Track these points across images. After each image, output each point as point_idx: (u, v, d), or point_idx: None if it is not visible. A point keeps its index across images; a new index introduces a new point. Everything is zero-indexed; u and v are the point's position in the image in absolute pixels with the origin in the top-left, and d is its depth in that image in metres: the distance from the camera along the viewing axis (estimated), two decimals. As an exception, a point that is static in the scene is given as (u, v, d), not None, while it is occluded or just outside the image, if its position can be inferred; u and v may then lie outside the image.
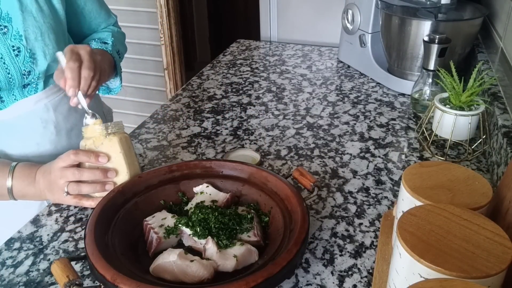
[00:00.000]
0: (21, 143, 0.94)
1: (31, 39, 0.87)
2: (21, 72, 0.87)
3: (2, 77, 0.85)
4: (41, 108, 0.94)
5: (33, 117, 0.93)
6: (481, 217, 0.55)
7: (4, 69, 0.85)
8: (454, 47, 1.22)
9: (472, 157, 1.01)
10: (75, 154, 0.80)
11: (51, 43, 0.90)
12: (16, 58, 0.86)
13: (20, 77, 0.87)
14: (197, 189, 0.83)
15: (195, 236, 0.72)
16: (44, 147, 0.96)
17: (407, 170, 0.67)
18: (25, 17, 0.86)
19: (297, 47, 1.73)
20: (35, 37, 0.87)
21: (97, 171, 0.81)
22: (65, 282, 0.60)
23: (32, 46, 0.87)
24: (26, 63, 0.87)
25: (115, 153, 0.82)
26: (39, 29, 0.88)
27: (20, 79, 0.88)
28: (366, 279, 0.71)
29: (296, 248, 0.64)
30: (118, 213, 0.75)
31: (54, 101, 0.96)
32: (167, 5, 2.33)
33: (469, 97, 0.99)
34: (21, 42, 0.86)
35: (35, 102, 0.93)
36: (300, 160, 1.02)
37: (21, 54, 0.86)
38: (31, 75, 0.89)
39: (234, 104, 1.30)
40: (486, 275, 0.48)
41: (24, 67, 0.87)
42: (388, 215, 0.81)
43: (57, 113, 0.97)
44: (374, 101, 1.29)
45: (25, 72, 0.88)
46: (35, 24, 0.87)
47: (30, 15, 0.87)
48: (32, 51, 0.88)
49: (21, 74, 0.87)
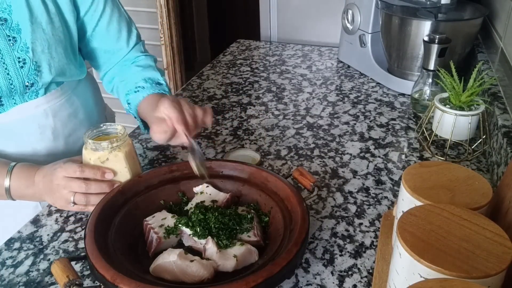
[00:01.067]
0: (17, 147, 0.92)
1: (38, 51, 0.86)
2: (24, 83, 0.86)
3: (4, 87, 0.84)
4: (40, 114, 0.92)
5: (31, 122, 0.92)
6: (481, 217, 0.55)
7: (7, 79, 0.84)
8: (454, 47, 1.22)
9: (472, 157, 1.01)
10: (81, 171, 0.78)
11: (57, 56, 0.89)
12: (21, 69, 0.85)
13: (22, 88, 0.86)
14: (197, 189, 0.83)
15: (195, 236, 0.72)
16: (41, 152, 0.95)
17: (407, 170, 0.67)
18: (34, 28, 0.85)
19: (297, 47, 1.73)
20: (42, 49, 0.86)
21: (104, 185, 0.79)
22: (65, 282, 0.60)
23: (38, 58, 0.86)
24: (30, 75, 0.86)
25: (120, 168, 0.81)
26: (47, 41, 0.87)
27: (22, 89, 0.87)
28: (366, 279, 0.71)
29: (296, 248, 0.64)
30: (118, 213, 0.75)
31: (54, 106, 0.94)
32: (167, 5, 2.32)
33: (469, 97, 0.99)
34: (27, 54, 0.85)
35: (35, 107, 0.91)
36: (300, 160, 1.02)
37: (26, 66, 0.85)
38: (33, 87, 0.88)
39: (234, 104, 1.29)
40: (486, 275, 0.48)
41: (28, 79, 0.86)
42: (388, 215, 0.81)
43: (56, 119, 0.95)
44: (374, 101, 1.29)
45: (28, 84, 0.87)
46: (44, 36, 0.86)
47: (40, 27, 0.85)
48: (38, 63, 0.86)
49: (23, 85, 0.86)
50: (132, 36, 1.03)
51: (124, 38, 1.01)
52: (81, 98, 1.02)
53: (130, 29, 1.03)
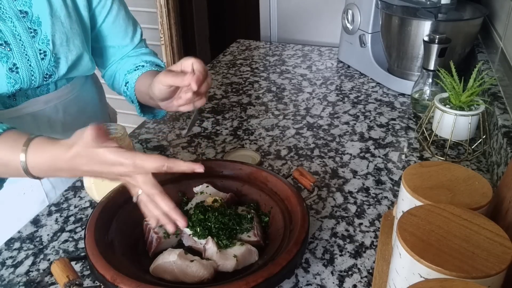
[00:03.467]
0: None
1: (57, 44, 0.88)
2: (43, 75, 0.88)
3: (26, 78, 0.86)
4: (51, 109, 0.94)
5: (41, 117, 0.94)
6: (481, 217, 0.55)
7: (29, 71, 0.85)
8: (454, 47, 1.22)
9: (472, 157, 1.01)
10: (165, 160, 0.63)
11: (75, 48, 0.91)
12: (42, 61, 0.86)
13: (41, 79, 0.88)
14: (197, 189, 0.83)
15: (195, 236, 0.72)
16: None
17: (407, 170, 0.67)
18: (54, 22, 0.87)
19: (297, 47, 1.73)
20: (61, 42, 0.88)
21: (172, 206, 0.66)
22: (65, 282, 0.60)
23: (57, 50, 0.88)
24: (50, 67, 0.88)
25: None
26: (65, 34, 0.89)
27: (41, 81, 0.88)
28: (366, 279, 0.71)
29: (296, 248, 0.64)
30: (118, 213, 0.75)
31: (64, 102, 0.96)
32: (167, 5, 2.32)
33: (469, 97, 0.99)
34: (48, 46, 0.87)
35: (45, 103, 0.93)
36: (300, 160, 1.02)
37: (47, 58, 0.87)
38: (51, 78, 0.90)
39: (234, 104, 1.29)
40: (486, 275, 0.48)
41: (48, 71, 0.88)
42: (388, 215, 0.81)
43: (66, 114, 0.97)
44: (374, 101, 1.29)
45: (47, 75, 0.88)
46: (62, 29, 0.88)
47: (59, 20, 0.88)
48: (57, 55, 0.88)
49: (43, 76, 0.88)
50: (137, 33, 1.05)
51: (130, 35, 1.03)
52: (88, 95, 1.05)
53: (135, 26, 1.05)
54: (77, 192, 0.93)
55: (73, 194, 0.93)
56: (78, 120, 0.99)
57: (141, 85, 0.93)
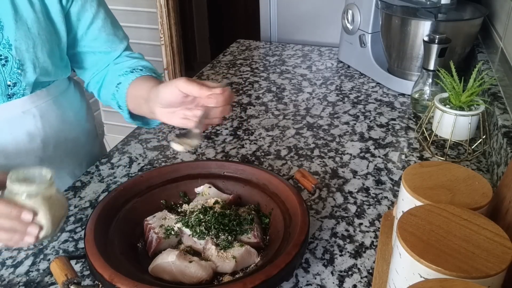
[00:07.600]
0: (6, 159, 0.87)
1: (22, 49, 0.82)
2: (5, 82, 0.83)
3: None
4: (29, 119, 0.89)
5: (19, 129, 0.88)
6: (481, 217, 0.55)
7: None
8: (454, 47, 1.22)
9: (472, 157, 1.01)
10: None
11: (43, 56, 0.85)
12: (3, 68, 0.82)
13: (4, 87, 0.83)
14: (198, 190, 0.83)
15: (194, 237, 0.72)
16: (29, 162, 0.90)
17: (407, 170, 0.67)
18: (18, 26, 0.81)
19: (297, 47, 1.73)
20: (27, 48, 0.83)
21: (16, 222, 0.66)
22: (63, 280, 0.60)
23: (22, 57, 0.82)
24: (12, 74, 0.83)
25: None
26: (32, 40, 0.83)
27: (4, 89, 0.84)
28: (366, 279, 0.71)
29: (295, 250, 0.64)
30: (119, 213, 0.75)
31: (41, 107, 0.91)
32: (167, 5, 2.32)
33: (469, 97, 0.99)
34: (10, 52, 0.82)
35: (23, 112, 0.88)
36: (300, 160, 1.02)
37: (8, 64, 0.82)
38: (16, 87, 0.85)
39: (234, 104, 1.29)
40: (486, 275, 0.48)
41: (10, 78, 0.83)
42: (388, 215, 0.81)
43: (44, 120, 0.91)
44: (374, 101, 1.29)
45: (10, 83, 0.84)
46: (29, 35, 0.82)
47: (25, 25, 0.82)
48: (21, 61, 0.83)
49: (5, 84, 0.83)
50: (124, 38, 1.00)
51: (118, 39, 0.98)
52: (68, 101, 0.99)
53: (121, 29, 1.00)
54: (77, 192, 0.93)
55: (73, 194, 0.93)
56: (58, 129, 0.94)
57: (137, 88, 0.89)
